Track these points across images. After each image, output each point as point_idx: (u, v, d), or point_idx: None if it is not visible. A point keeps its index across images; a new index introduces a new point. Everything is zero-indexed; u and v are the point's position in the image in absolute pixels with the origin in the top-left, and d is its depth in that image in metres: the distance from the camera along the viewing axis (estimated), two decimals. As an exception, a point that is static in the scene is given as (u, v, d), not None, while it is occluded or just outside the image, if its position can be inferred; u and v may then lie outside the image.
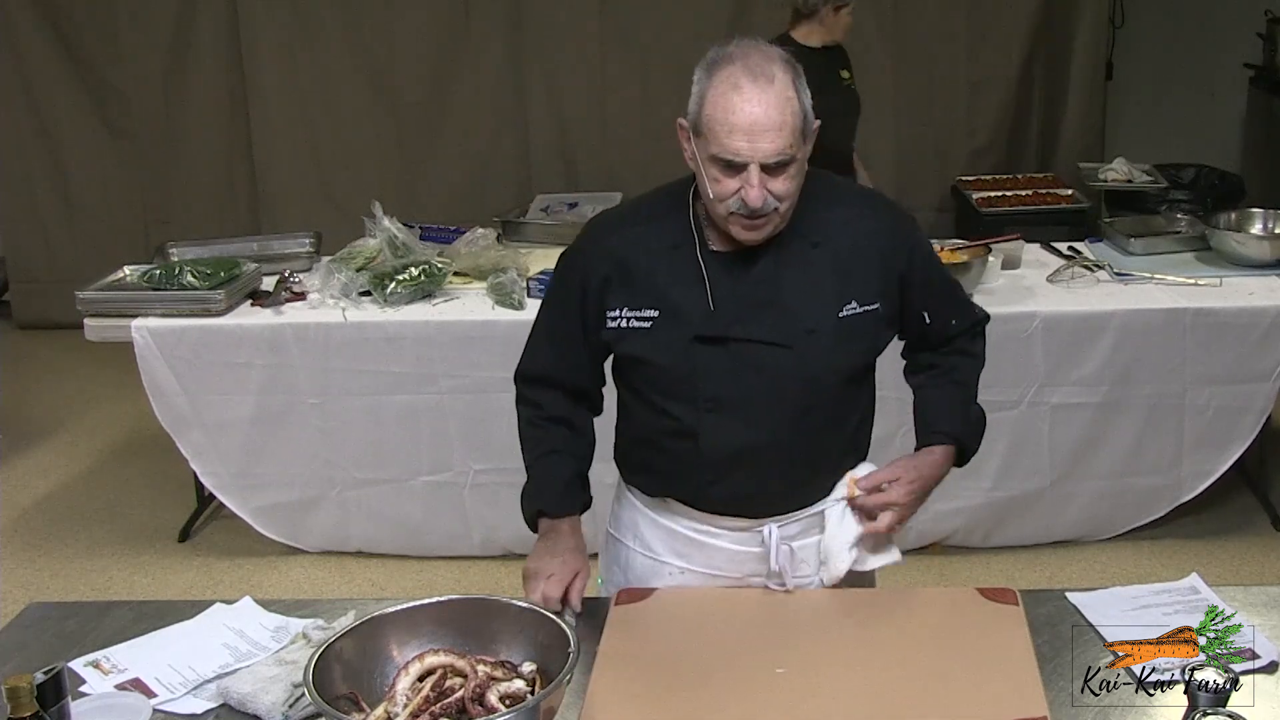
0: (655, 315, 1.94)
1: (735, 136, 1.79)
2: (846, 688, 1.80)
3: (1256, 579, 3.69)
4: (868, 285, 1.95)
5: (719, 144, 1.80)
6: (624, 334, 1.96)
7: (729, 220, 1.86)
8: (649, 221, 1.99)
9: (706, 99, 1.82)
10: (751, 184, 1.81)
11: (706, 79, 1.83)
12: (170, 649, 1.96)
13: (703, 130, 1.83)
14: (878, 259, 1.96)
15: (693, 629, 1.98)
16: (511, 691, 1.67)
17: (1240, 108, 6.56)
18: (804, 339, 1.91)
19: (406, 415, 3.79)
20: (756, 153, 1.80)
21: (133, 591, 3.86)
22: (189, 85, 6.09)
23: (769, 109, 1.79)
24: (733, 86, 1.79)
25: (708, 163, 1.84)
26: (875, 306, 1.96)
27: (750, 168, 1.80)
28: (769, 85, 1.80)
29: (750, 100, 1.79)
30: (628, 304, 1.95)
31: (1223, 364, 3.65)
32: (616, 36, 5.93)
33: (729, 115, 1.79)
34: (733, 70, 1.81)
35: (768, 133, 1.79)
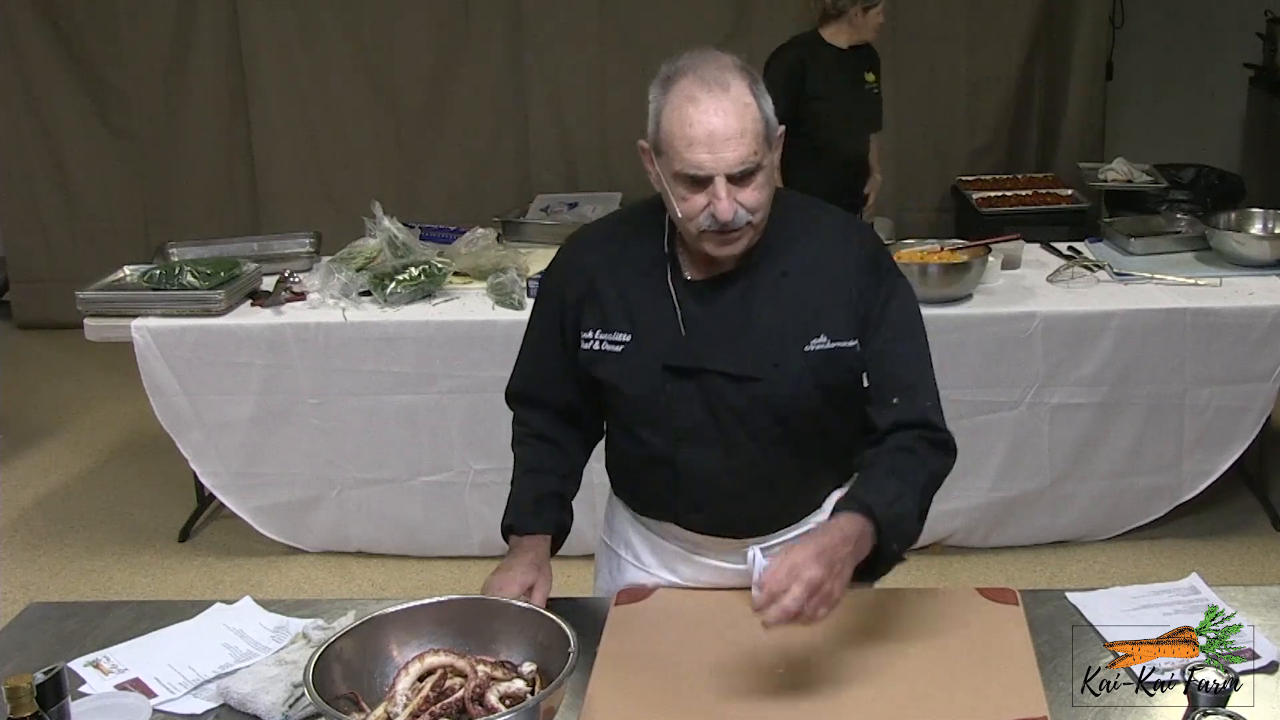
0: (627, 340, 1.91)
1: (696, 149, 1.74)
2: (846, 688, 1.80)
3: (1256, 579, 3.69)
4: (841, 322, 1.87)
5: (680, 160, 1.76)
6: (596, 357, 1.94)
7: (701, 239, 1.81)
8: (625, 242, 1.95)
9: (663, 115, 1.78)
10: (719, 196, 1.75)
11: (662, 95, 1.79)
12: (170, 649, 1.96)
13: (663, 148, 1.79)
14: (850, 295, 1.87)
15: (692, 629, 1.98)
16: (511, 691, 1.66)
17: (1240, 108, 6.56)
18: (771, 371, 1.86)
19: (406, 415, 3.79)
20: (720, 164, 1.74)
21: (133, 591, 3.86)
22: (189, 85, 6.09)
23: (727, 117, 1.74)
24: (688, 99, 1.75)
25: (672, 181, 1.79)
26: (852, 345, 1.87)
27: (716, 180, 1.75)
28: (724, 93, 1.75)
29: (707, 110, 1.74)
30: (601, 325, 1.93)
31: (1223, 364, 3.65)
32: (616, 36, 5.93)
33: (687, 128, 1.74)
34: (686, 83, 1.76)
35: (729, 141, 1.74)
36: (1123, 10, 6.29)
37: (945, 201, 5.99)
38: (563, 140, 6.09)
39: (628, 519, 2.12)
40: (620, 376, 1.93)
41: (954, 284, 3.66)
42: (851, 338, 1.87)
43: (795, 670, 1.84)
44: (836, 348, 1.87)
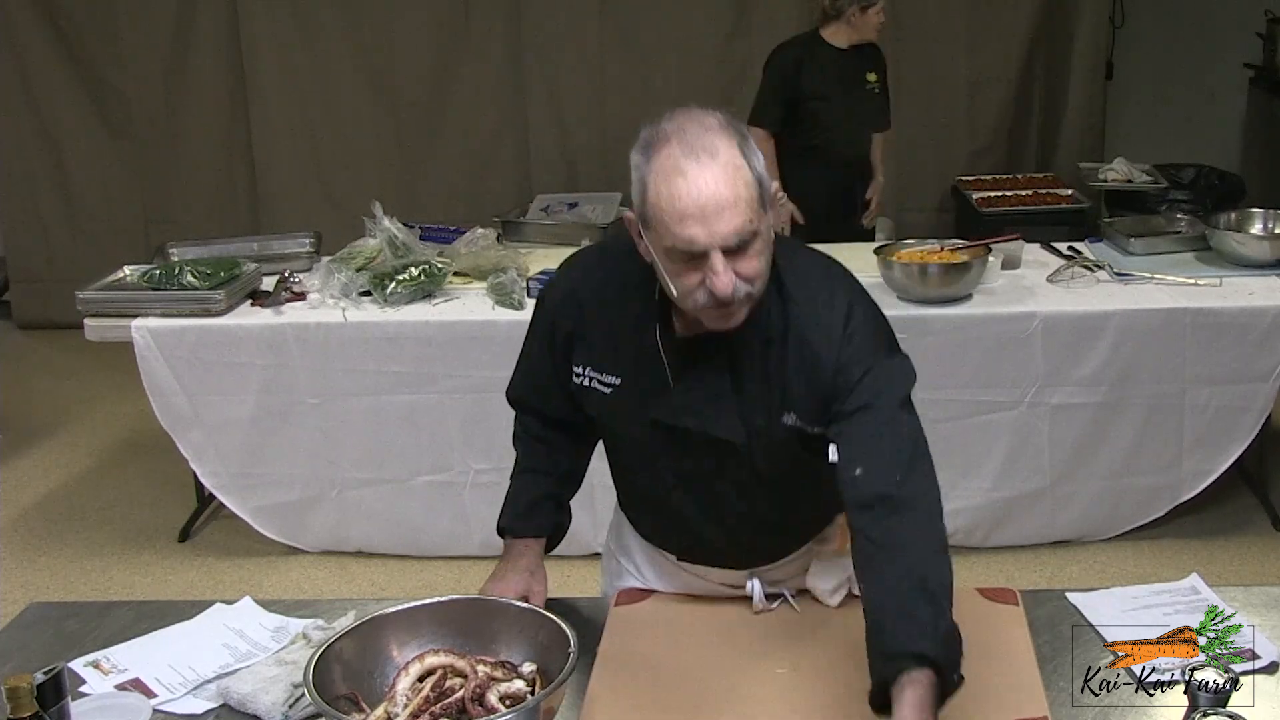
0: (616, 383, 1.86)
1: (687, 224, 1.60)
2: (846, 688, 1.80)
3: (1256, 579, 3.69)
4: (810, 409, 1.76)
5: (671, 235, 1.61)
6: (587, 392, 1.89)
7: (699, 312, 1.68)
8: (618, 285, 1.84)
9: (649, 188, 1.63)
10: (716, 271, 1.61)
11: (645, 164, 1.64)
12: (170, 649, 1.96)
13: (651, 223, 1.64)
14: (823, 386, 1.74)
15: (692, 629, 1.98)
16: (511, 692, 1.67)
17: (1240, 108, 6.56)
18: (753, 437, 1.80)
19: (406, 415, 3.79)
20: (714, 237, 1.60)
21: (133, 591, 3.86)
22: (189, 85, 6.10)
23: (718, 186, 1.59)
24: (674, 170, 1.60)
25: (664, 257, 1.65)
26: (818, 432, 1.76)
27: (712, 255, 1.61)
28: (712, 160, 1.60)
29: (695, 181, 1.59)
30: (591, 364, 1.87)
31: (1223, 364, 3.65)
32: (616, 37, 5.94)
33: (675, 202, 1.60)
34: (670, 151, 1.61)
35: (722, 213, 1.59)
36: (1123, 10, 6.29)
37: (945, 201, 6.00)
38: (563, 140, 6.09)
39: (633, 534, 2.12)
40: (610, 418, 1.91)
41: (954, 284, 3.66)
42: (817, 425, 1.76)
43: (795, 671, 1.84)
44: (804, 428, 1.77)
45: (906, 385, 1.76)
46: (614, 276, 1.86)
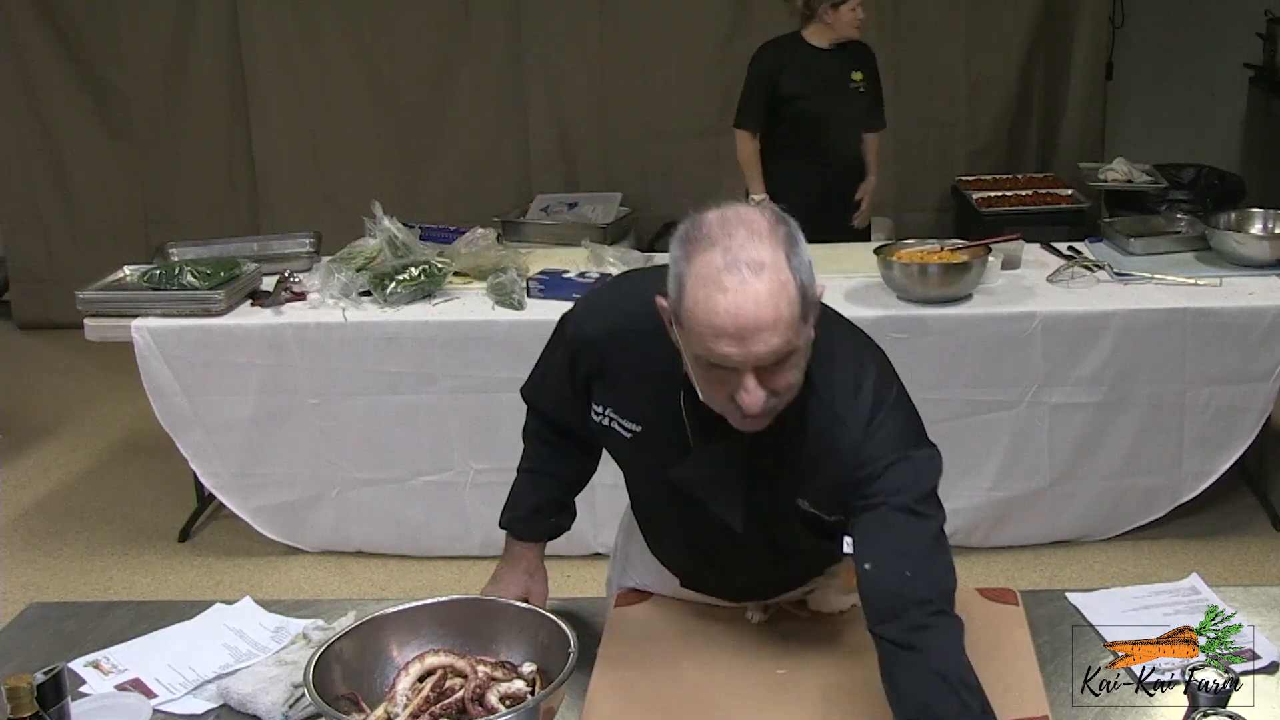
0: (638, 430, 1.79)
1: (722, 342, 1.50)
2: (846, 688, 1.80)
3: (1256, 579, 3.69)
4: (826, 500, 1.71)
5: (704, 348, 1.52)
6: (606, 431, 1.83)
7: (725, 414, 1.62)
8: (648, 336, 1.70)
9: (685, 293, 1.52)
10: (748, 390, 1.54)
11: (684, 262, 1.54)
12: (170, 649, 1.96)
13: (684, 325, 1.55)
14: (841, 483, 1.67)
15: (693, 630, 1.98)
16: (511, 692, 1.67)
17: (1240, 108, 6.56)
18: (758, 518, 1.77)
19: (406, 415, 3.79)
20: (750, 358, 1.51)
21: (133, 591, 3.86)
22: (189, 85, 6.10)
23: (759, 308, 1.49)
24: (713, 282, 1.49)
25: (694, 361, 1.57)
26: (834, 519, 1.72)
27: (745, 374, 1.53)
28: (756, 276, 1.49)
29: (735, 299, 1.48)
30: (613, 407, 1.80)
31: (1223, 364, 3.65)
32: (616, 37, 5.94)
33: (712, 318, 1.49)
34: (713, 259, 1.50)
35: (760, 334, 1.50)
36: (1123, 10, 6.29)
37: (945, 201, 6.00)
38: (563, 140, 6.09)
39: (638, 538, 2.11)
40: (627, 461, 1.89)
41: (954, 284, 3.66)
42: (835, 513, 1.71)
43: (794, 672, 1.84)
44: (819, 515, 1.74)
45: (931, 480, 1.67)
46: (642, 325, 1.72)
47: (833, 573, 1.98)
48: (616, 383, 1.79)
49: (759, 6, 5.80)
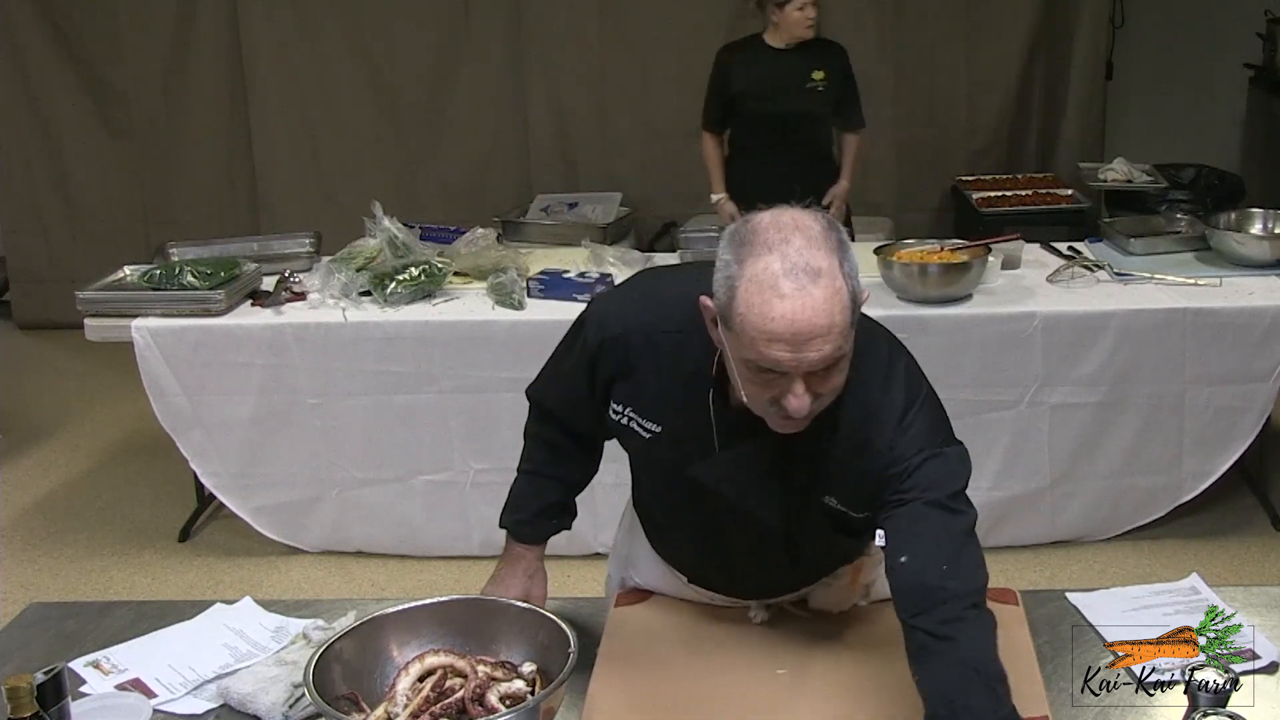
0: (658, 431, 1.79)
1: (776, 347, 1.51)
2: (846, 688, 1.80)
3: (1256, 579, 3.69)
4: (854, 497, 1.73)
5: (756, 352, 1.53)
6: (623, 430, 1.83)
7: (765, 416, 1.62)
8: (675, 335, 1.74)
9: (738, 296, 1.52)
10: (796, 394, 1.54)
11: (737, 266, 1.53)
12: (170, 649, 1.96)
13: (734, 329, 1.54)
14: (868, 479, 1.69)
15: (693, 629, 1.98)
16: (511, 692, 1.67)
17: (1240, 108, 6.56)
18: (789, 513, 1.78)
19: (406, 415, 3.79)
20: (801, 364, 1.52)
21: (133, 591, 3.86)
22: (189, 85, 6.10)
23: (815, 314, 1.49)
24: (770, 289, 1.50)
25: (740, 363, 1.57)
26: (861, 516, 1.74)
27: (794, 380, 1.54)
28: (813, 283, 1.50)
29: (793, 306, 1.49)
30: (633, 406, 1.80)
31: (1223, 364, 3.65)
32: (616, 37, 5.94)
33: (767, 324, 1.50)
34: (769, 264, 1.51)
35: (814, 340, 1.50)
36: (1123, 10, 6.29)
37: (945, 201, 6.00)
38: (563, 140, 6.09)
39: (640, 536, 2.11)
40: (645, 460, 1.89)
41: (954, 284, 3.66)
42: (862, 510, 1.74)
43: (795, 672, 1.84)
44: (846, 512, 1.75)
45: (963, 477, 1.70)
46: (668, 324, 1.75)
47: (838, 574, 1.98)
48: (639, 383, 1.79)
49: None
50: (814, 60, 4.55)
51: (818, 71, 4.54)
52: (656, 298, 1.82)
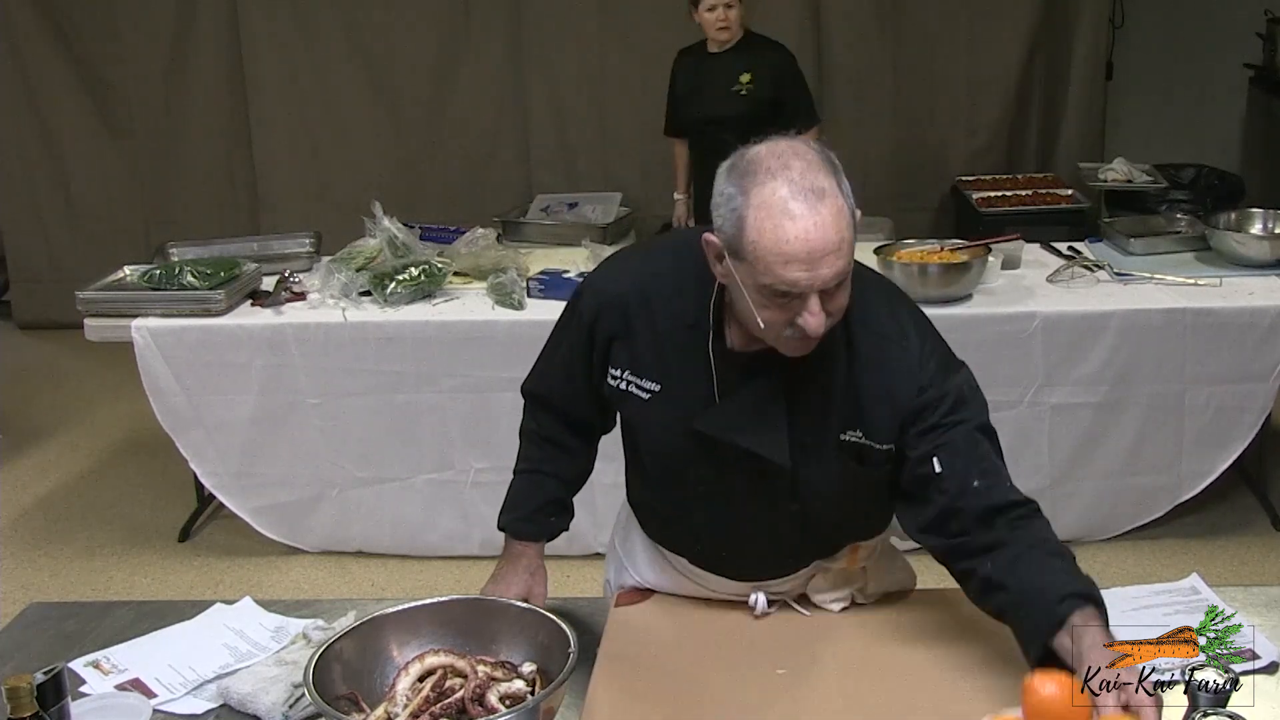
0: (656, 390, 1.83)
1: (792, 268, 1.57)
2: (846, 688, 1.80)
3: (1256, 579, 3.69)
4: (880, 425, 1.76)
5: (773, 275, 1.59)
6: (623, 396, 1.86)
7: (778, 341, 1.68)
8: (670, 290, 1.81)
9: (748, 224, 1.58)
10: (813, 312, 1.61)
11: (741, 196, 1.60)
12: (170, 649, 1.96)
13: (746, 257, 1.60)
14: (896, 402, 1.75)
15: (693, 629, 1.98)
16: (511, 692, 1.67)
17: (1240, 108, 6.56)
18: (799, 456, 1.78)
19: (406, 415, 3.79)
20: (816, 280, 1.59)
21: (133, 591, 3.86)
22: (189, 85, 6.10)
23: (827, 232, 1.57)
24: (782, 212, 1.57)
25: (754, 290, 1.62)
26: (887, 449, 1.77)
27: (810, 297, 1.60)
28: (820, 202, 1.57)
29: (806, 225, 1.56)
30: (630, 368, 1.84)
31: (1222, 364, 3.65)
32: (616, 36, 5.94)
33: (782, 246, 1.57)
34: (776, 188, 1.57)
35: (827, 258, 1.58)
36: (1123, 10, 6.29)
37: (945, 201, 6.00)
38: (563, 140, 6.09)
39: (636, 530, 2.11)
40: (644, 424, 1.89)
41: (954, 284, 3.66)
42: (886, 442, 1.77)
43: (795, 671, 1.84)
44: (868, 445, 1.77)
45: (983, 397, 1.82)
46: (662, 281, 1.82)
47: (837, 557, 1.99)
48: (636, 342, 1.83)
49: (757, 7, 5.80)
50: (744, 63, 4.56)
51: (745, 75, 4.54)
52: (644, 260, 1.93)
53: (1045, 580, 1.67)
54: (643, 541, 2.10)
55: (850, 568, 1.99)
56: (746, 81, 4.54)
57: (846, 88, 5.90)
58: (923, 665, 1.84)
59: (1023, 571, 1.69)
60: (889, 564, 2.06)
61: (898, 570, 2.07)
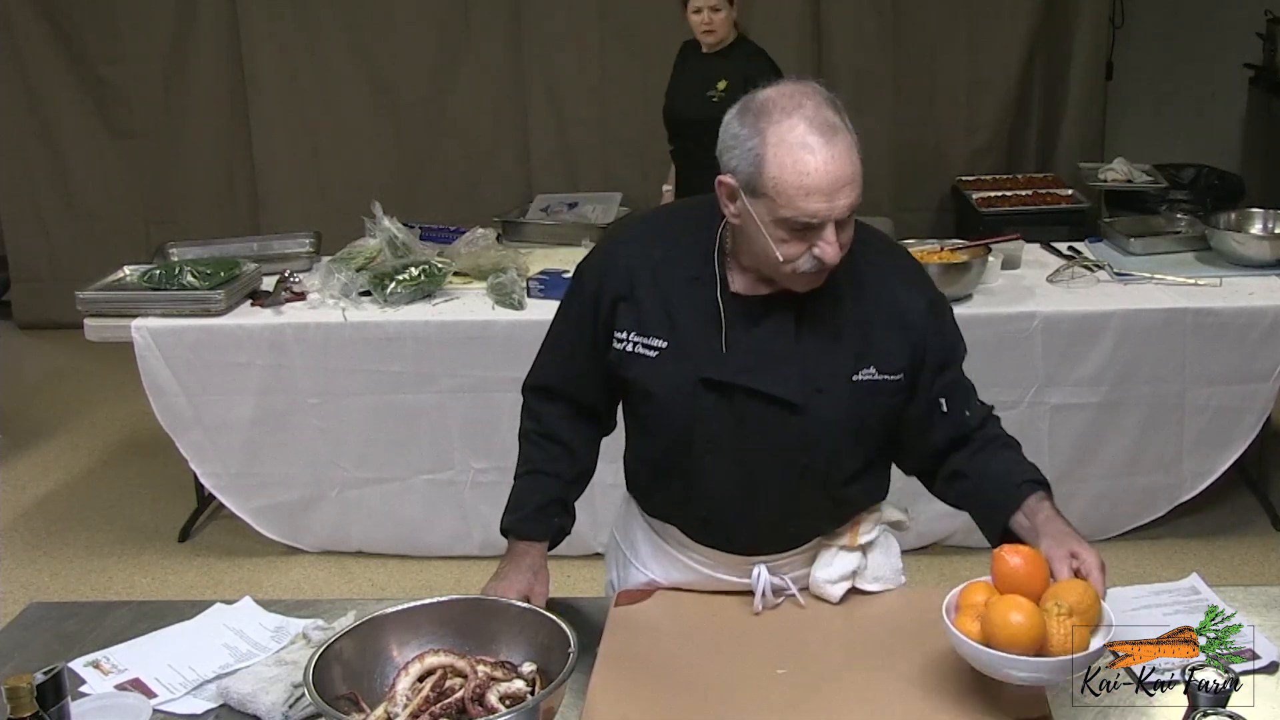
0: (663, 346, 1.87)
1: (813, 199, 1.69)
2: (846, 688, 1.80)
3: (1256, 579, 3.69)
4: (890, 356, 1.86)
5: (793, 207, 1.69)
6: (628, 359, 1.90)
7: (792, 276, 1.77)
8: (671, 246, 1.90)
9: (768, 160, 1.69)
10: (830, 242, 1.72)
11: (756, 135, 1.71)
12: (170, 649, 1.96)
13: (766, 192, 1.70)
14: (904, 331, 1.87)
15: (692, 629, 1.98)
16: (511, 692, 1.66)
17: (1240, 108, 6.56)
18: (813, 397, 1.84)
19: (406, 415, 3.79)
20: (834, 210, 1.70)
21: (133, 591, 3.86)
22: (189, 85, 6.10)
23: (842, 164, 1.69)
24: (801, 146, 1.68)
25: (773, 225, 1.72)
26: (898, 378, 1.87)
27: (826, 227, 1.71)
28: (835, 136, 1.69)
29: (824, 158, 1.68)
30: (636, 328, 1.89)
31: (1223, 364, 3.65)
32: (616, 37, 5.94)
33: (803, 178, 1.68)
34: (793, 124, 1.69)
35: (844, 189, 1.70)
36: (1123, 10, 6.29)
37: (945, 201, 5.99)
38: (563, 140, 6.09)
39: (636, 518, 2.12)
40: (652, 381, 1.90)
41: (954, 284, 3.66)
42: (898, 372, 1.87)
43: (795, 671, 1.84)
44: (883, 380, 1.86)
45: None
46: (663, 239, 1.92)
47: (836, 534, 2.00)
48: (641, 301, 1.89)
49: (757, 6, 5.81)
50: (724, 68, 4.40)
51: (722, 82, 4.38)
52: (642, 225, 2.01)
53: (1001, 469, 1.89)
54: (644, 531, 2.10)
55: (850, 544, 2.00)
56: (722, 89, 4.42)
57: (846, 88, 5.89)
58: (922, 665, 1.84)
59: (982, 464, 1.91)
60: (885, 551, 2.06)
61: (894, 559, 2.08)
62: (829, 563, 2.01)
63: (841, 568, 2.01)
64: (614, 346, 1.91)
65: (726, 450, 1.89)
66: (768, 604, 2.00)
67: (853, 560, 2.01)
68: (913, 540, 3.65)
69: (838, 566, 2.01)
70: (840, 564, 2.01)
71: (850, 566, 2.01)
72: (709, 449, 1.90)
